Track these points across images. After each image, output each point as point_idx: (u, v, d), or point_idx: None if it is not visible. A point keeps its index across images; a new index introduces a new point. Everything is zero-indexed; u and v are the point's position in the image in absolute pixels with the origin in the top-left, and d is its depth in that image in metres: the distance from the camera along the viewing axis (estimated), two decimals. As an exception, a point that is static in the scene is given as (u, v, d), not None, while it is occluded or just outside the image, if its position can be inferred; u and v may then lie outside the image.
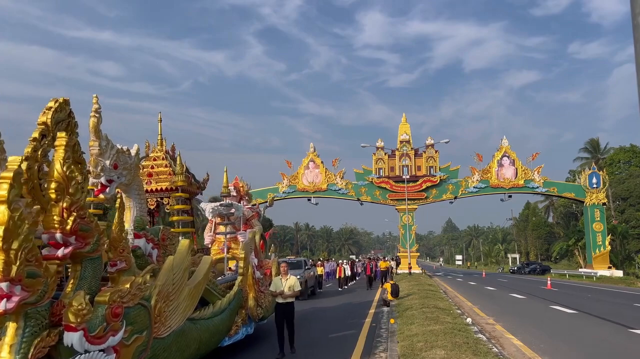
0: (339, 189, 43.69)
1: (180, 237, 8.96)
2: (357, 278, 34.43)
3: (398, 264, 42.14)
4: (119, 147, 6.98)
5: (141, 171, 10.25)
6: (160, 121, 11.49)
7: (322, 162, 44.09)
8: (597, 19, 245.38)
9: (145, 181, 10.42)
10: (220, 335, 7.89)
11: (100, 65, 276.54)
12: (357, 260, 49.47)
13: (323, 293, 23.89)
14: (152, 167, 10.84)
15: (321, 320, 13.85)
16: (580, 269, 43.81)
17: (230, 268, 10.85)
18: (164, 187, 10.53)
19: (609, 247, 40.92)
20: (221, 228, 11.03)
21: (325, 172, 43.77)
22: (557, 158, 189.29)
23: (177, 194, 10.26)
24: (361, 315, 14.50)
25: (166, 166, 10.72)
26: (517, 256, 74.83)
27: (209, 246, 11.42)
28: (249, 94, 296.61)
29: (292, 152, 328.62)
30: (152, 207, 10.73)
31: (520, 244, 79.96)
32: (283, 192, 43.73)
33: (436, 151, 43.49)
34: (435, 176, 42.78)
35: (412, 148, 43.55)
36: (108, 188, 6.75)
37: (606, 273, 37.99)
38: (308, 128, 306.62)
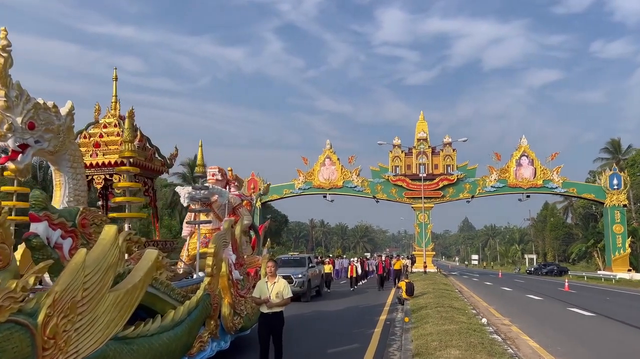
0: (355, 187, 43.62)
1: (126, 225, 7.49)
2: (368, 277, 33.31)
3: (413, 262, 42.00)
4: (41, 101, 5.39)
5: (87, 139, 8.62)
6: (116, 79, 9.18)
7: (338, 159, 44.05)
8: (620, 17, 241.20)
9: (91, 152, 8.48)
10: (172, 356, 5.82)
11: (121, 61, 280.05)
12: (369, 258, 48.64)
13: (330, 293, 22.18)
14: (101, 136, 8.60)
15: (325, 327, 12.17)
16: (598, 272, 43.21)
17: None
18: (113, 161, 8.29)
19: (629, 250, 40.23)
20: (201, 217, 9.31)
21: (341, 169, 43.71)
22: (577, 159, 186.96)
23: (123, 167, 7.98)
24: (370, 323, 12.62)
25: (119, 135, 8.60)
26: (534, 256, 74.04)
27: (187, 238, 9.87)
28: (267, 91, 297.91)
29: (309, 149, 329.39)
30: (98, 186, 8.75)
31: (538, 245, 79.03)
32: (299, 188, 43.81)
33: (454, 150, 43.14)
34: (453, 174, 42.46)
35: (429, 146, 43.26)
36: (20, 155, 5.12)
37: (626, 275, 37.36)
38: (325, 125, 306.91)
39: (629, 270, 38.97)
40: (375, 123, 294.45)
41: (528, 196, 42.90)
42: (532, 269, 57.39)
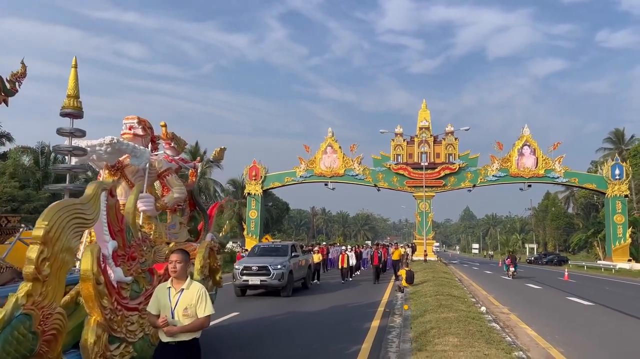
0: (356, 175, 43.54)
1: None
2: (363, 268, 31.13)
3: (414, 251, 42.13)
4: None
5: None
6: None
7: (340, 147, 43.93)
8: (627, 7, 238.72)
9: None
10: None
11: (125, 47, 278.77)
12: (368, 246, 47.84)
13: (319, 286, 19.73)
14: None
15: (294, 339, 8.91)
16: (598, 261, 43.28)
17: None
18: None
19: (629, 240, 40.28)
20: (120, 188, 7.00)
21: (343, 157, 43.62)
22: (579, 149, 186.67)
23: None
24: (357, 334, 9.40)
25: None
26: (535, 246, 74.17)
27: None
28: (271, 78, 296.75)
29: (312, 137, 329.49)
30: None
31: (539, 234, 79.16)
32: (300, 176, 43.76)
33: (456, 139, 43.00)
34: (454, 163, 42.37)
35: (431, 135, 43.14)
36: None
37: (626, 265, 37.46)
38: (328, 114, 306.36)
39: (629, 260, 39.04)
40: (378, 112, 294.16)
41: (529, 186, 42.80)
42: (533, 258, 57.64)
